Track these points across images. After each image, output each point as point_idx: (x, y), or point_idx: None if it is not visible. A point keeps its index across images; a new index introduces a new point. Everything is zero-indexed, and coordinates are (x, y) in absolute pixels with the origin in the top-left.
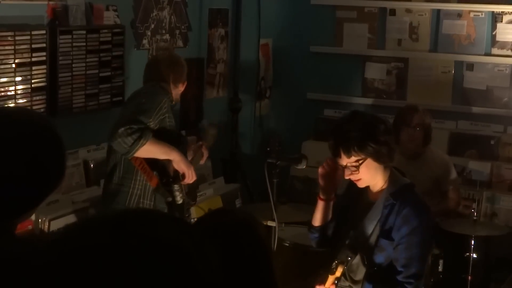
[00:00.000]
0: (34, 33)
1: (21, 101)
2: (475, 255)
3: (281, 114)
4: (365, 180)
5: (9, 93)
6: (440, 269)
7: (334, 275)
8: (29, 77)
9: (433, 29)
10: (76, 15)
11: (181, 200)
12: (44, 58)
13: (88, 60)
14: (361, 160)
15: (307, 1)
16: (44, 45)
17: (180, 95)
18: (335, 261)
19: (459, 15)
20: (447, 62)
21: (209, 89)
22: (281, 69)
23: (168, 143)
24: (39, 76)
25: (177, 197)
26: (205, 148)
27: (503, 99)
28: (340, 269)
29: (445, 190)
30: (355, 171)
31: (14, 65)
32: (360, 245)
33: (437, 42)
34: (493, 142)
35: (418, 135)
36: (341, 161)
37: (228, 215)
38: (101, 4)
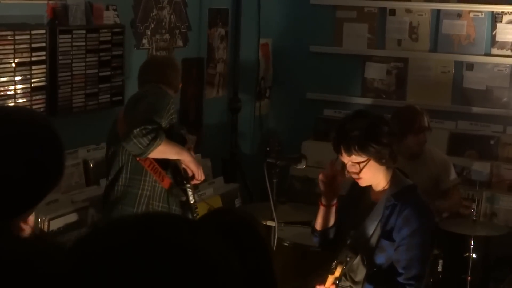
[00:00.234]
0: (33, 32)
1: (20, 101)
2: (474, 255)
3: (280, 114)
4: (365, 179)
5: (9, 93)
6: (439, 269)
7: (333, 275)
8: (28, 76)
9: (433, 29)
10: (76, 14)
11: (193, 200)
12: (43, 57)
13: (87, 59)
14: (363, 161)
15: (306, 1)
16: (43, 44)
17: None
18: (335, 261)
19: (459, 15)
20: (447, 62)
21: (208, 89)
22: (280, 69)
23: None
24: (39, 75)
25: (190, 196)
26: (191, 150)
27: (503, 99)
28: (339, 269)
29: (445, 189)
30: (355, 170)
31: (13, 65)
32: (361, 245)
33: (437, 42)
34: (492, 142)
35: (424, 138)
36: (342, 158)
37: (227, 215)
38: (101, 3)
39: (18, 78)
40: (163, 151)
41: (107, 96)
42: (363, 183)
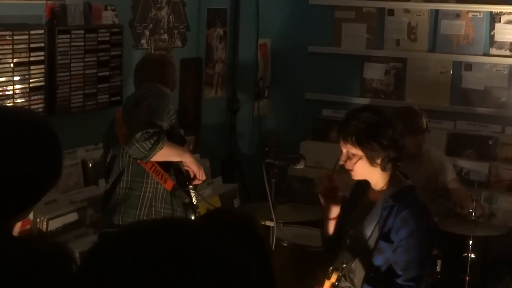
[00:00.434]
0: (32, 32)
1: (19, 101)
2: (473, 255)
3: (279, 114)
4: (357, 173)
5: (7, 93)
6: (438, 269)
7: (330, 281)
8: (27, 76)
9: (431, 29)
10: (74, 14)
11: (196, 201)
12: (42, 57)
13: (86, 59)
14: (356, 154)
15: (305, 1)
16: (42, 44)
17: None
18: (331, 267)
19: (458, 15)
20: (445, 62)
21: (207, 89)
22: (279, 69)
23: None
24: (37, 75)
25: (194, 197)
26: (190, 148)
27: (501, 99)
28: (334, 275)
29: (445, 184)
30: (349, 160)
31: (12, 65)
32: (359, 246)
33: (436, 42)
34: (491, 142)
35: (422, 139)
36: (340, 145)
37: (226, 215)
38: (99, 3)
39: (16, 78)
40: (166, 154)
41: (105, 96)
42: (354, 176)
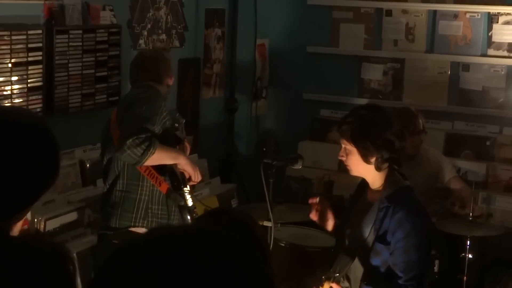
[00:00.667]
0: (30, 32)
1: (17, 101)
2: (470, 256)
3: (277, 114)
4: (352, 169)
5: (5, 93)
6: (435, 270)
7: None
8: (25, 76)
9: (429, 29)
10: (72, 14)
11: (191, 202)
12: (40, 57)
13: (84, 59)
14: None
15: (303, 2)
16: (40, 44)
17: (169, 89)
18: (323, 276)
19: (455, 16)
20: (443, 62)
21: (205, 89)
22: (277, 69)
23: (172, 147)
24: (35, 75)
25: (188, 200)
26: (187, 141)
27: (499, 100)
28: (327, 285)
29: (444, 184)
30: (344, 154)
31: (10, 65)
32: (357, 247)
33: (433, 42)
34: (488, 142)
35: (419, 140)
36: (339, 137)
37: (225, 215)
38: (97, 3)
39: (14, 78)
40: (159, 158)
41: (103, 96)
42: (350, 172)
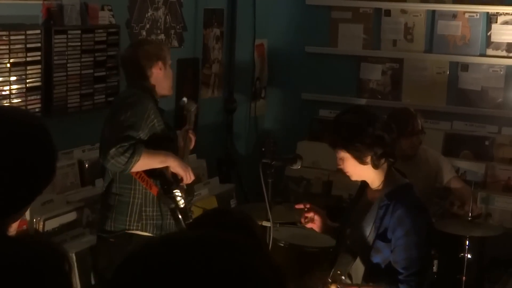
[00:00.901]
0: (29, 32)
1: (15, 101)
2: (469, 256)
3: (276, 114)
4: (352, 174)
5: (4, 93)
6: (434, 270)
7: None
8: (23, 76)
9: (428, 29)
10: (71, 14)
11: (183, 204)
12: (39, 57)
13: (83, 60)
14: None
15: (302, 2)
16: (39, 44)
17: (169, 80)
18: (329, 279)
19: (454, 16)
20: (442, 62)
21: (204, 89)
22: (276, 69)
23: (162, 150)
24: (34, 76)
25: (179, 202)
26: (191, 132)
27: (498, 100)
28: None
29: (443, 184)
30: (341, 164)
31: (8, 65)
32: (357, 246)
33: (432, 42)
34: (487, 142)
35: (417, 141)
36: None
37: (225, 216)
38: (96, 4)
39: (13, 78)
40: (145, 163)
41: (102, 96)
42: (352, 178)
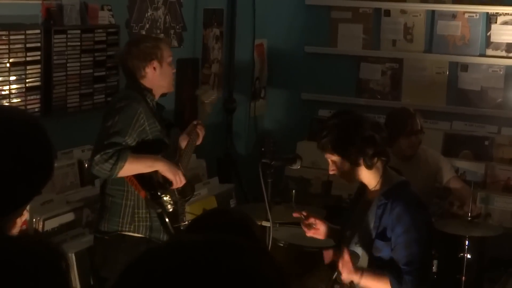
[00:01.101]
0: (28, 32)
1: (15, 101)
2: (469, 256)
3: (276, 114)
4: (347, 178)
5: (3, 93)
6: (434, 270)
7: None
8: (23, 76)
9: (427, 30)
10: (70, 14)
11: (172, 208)
12: (38, 57)
13: (82, 59)
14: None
15: (302, 2)
16: (38, 44)
17: (167, 78)
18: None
19: (454, 16)
20: (442, 63)
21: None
22: (276, 69)
23: (153, 153)
24: (34, 75)
25: (167, 206)
26: (201, 126)
27: (497, 100)
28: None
29: (443, 184)
30: (333, 167)
31: (8, 65)
32: (357, 246)
33: (432, 43)
34: (487, 142)
35: (417, 140)
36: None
37: (224, 216)
38: (96, 3)
39: (12, 78)
40: (131, 169)
41: (102, 96)
42: (347, 181)
